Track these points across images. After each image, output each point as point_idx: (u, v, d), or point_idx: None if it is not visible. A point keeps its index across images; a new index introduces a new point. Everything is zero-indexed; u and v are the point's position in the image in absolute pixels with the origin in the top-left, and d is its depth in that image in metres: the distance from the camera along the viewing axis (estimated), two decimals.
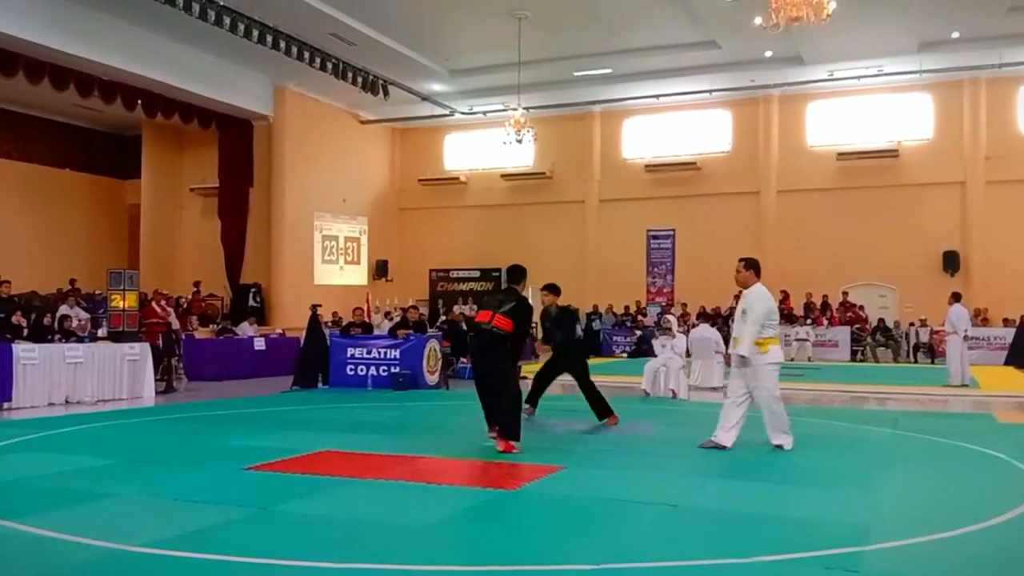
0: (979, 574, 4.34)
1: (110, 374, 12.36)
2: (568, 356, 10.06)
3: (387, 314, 20.44)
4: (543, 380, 10.22)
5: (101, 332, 14.78)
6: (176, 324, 16.68)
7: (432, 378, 14.50)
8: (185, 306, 20.33)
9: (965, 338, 14.97)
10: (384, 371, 14.26)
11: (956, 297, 15.40)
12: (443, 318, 21.27)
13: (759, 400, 7.74)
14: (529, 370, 17.66)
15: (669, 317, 14.57)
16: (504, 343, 7.82)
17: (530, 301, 8.19)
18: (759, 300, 7.71)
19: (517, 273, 8.37)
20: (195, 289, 22.56)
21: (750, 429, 9.15)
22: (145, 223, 25.69)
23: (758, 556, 4.37)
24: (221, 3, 16.46)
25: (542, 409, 10.13)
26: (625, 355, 22.66)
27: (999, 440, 8.52)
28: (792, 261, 23.56)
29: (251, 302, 22.21)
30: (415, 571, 4.19)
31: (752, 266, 7.89)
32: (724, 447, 7.74)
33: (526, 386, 9.66)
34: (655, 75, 22.70)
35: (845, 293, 23.27)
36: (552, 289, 9.96)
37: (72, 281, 20.31)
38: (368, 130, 27.03)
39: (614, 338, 23.89)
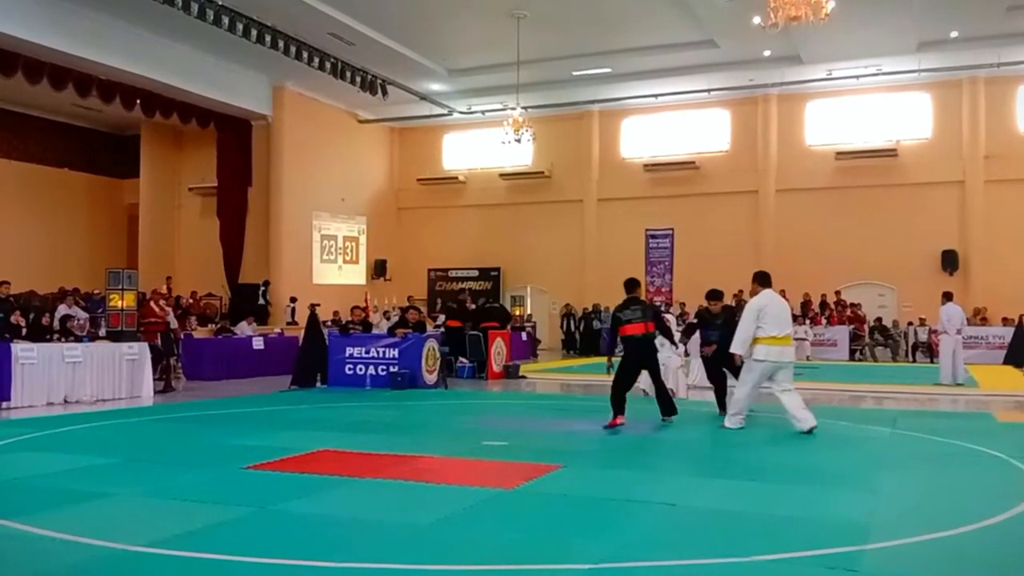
0: (978, 573, 4.34)
1: (109, 374, 12.36)
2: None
3: (385, 313, 20.46)
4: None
5: (100, 332, 14.75)
6: (175, 324, 16.66)
7: (431, 378, 14.49)
8: (184, 306, 20.27)
9: (958, 335, 15.05)
10: (383, 371, 14.26)
11: (948, 296, 15.56)
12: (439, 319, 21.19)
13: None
14: (527, 369, 17.77)
15: (668, 316, 14.56)
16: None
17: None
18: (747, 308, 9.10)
19: (635, 283, 10.04)
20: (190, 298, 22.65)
21: (749, 428, 9.16)
22: (144, 223, 25.69)
23: (757, 555, 4.37)
24: (220, 3, 16.44)
25: (540, 408, 10.12)
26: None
27: (998, 439, 8.52)
28: (790, 260, 23.55)
29: (260, 300, 22.16)
30: (414, 570, 4.19)
31: (756, 279, 9.31)
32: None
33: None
34: (654, 74, 22.69)
35: (837, 292, 23.26)
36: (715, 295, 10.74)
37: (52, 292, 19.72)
38: (367, 130, 27.02)
39: None
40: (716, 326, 10.52)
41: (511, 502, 5.73)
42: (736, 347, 8.79)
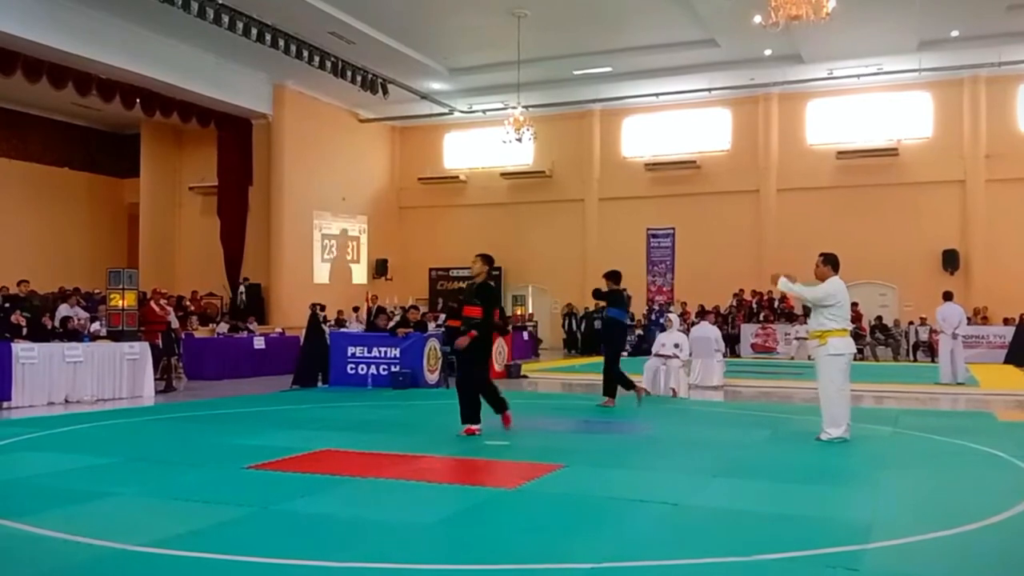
0: (980, 572, 4.34)
1: (110, 373, 12.35)
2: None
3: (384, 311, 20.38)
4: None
5: (95, 326, 14.68)
6: (175, 323, 16.66)
7: (432, 377, 14.49)
8: (188, 307, 20.19)
9: (954, 336, 15.06)
10: (384, 370, 14.25)
11: (948, 296, 15.58)
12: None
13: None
14: (529, 369, 17.75)
15: (670, 316, 14.57)
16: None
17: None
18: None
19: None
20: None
21: (748, 427, 9.16)
22: (144, 222, 25.68)
23: (759, 555, 4.36)
24: (220, 1, 16.43)
25: (541, 408, 10.10)
26: (625, 353, 22.62)
27: (999, 438, 8.51)
28: (791, 259, 23.44)
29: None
30: (416, 570, 4.19)
31: (828, 261, 8.18)
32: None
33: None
34: (655, 73, 22.70)
35: None
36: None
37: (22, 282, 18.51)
38: (367, 129, 27.02)
39: None
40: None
41: (513, 502, 5.72)
42: (795, 287, 8.10)
